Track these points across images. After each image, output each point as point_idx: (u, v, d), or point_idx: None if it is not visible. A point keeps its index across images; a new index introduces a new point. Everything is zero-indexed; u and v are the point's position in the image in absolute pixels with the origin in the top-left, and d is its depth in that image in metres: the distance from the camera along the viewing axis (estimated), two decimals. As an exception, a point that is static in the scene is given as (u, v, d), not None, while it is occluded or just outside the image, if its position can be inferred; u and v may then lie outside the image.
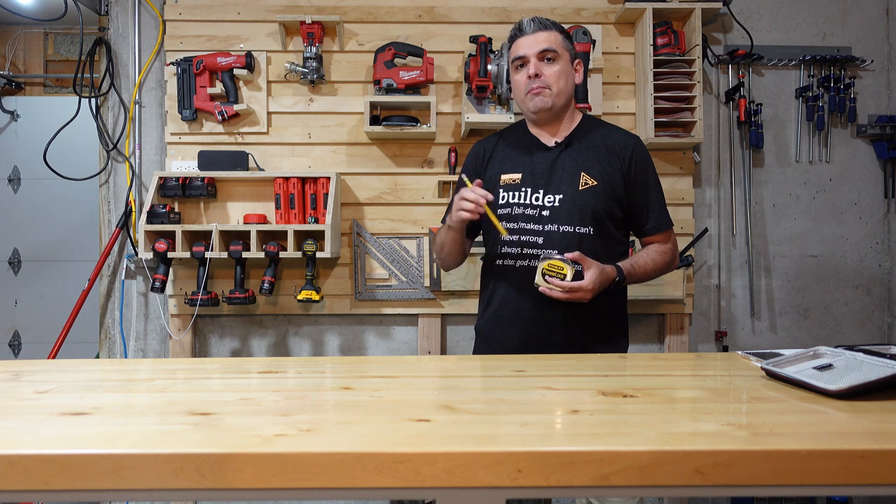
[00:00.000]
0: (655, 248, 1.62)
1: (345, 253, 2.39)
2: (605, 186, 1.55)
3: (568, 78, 1.58)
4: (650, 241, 1.63)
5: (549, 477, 0.65)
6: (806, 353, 1.05)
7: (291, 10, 2.39)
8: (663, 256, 1.62)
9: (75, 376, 1.09)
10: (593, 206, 1.53)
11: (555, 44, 1.56)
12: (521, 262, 1.55)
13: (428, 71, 2.25)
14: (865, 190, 2.53)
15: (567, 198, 1.54)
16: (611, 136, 1.62)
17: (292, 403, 0.88)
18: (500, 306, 1.60)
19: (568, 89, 1.59)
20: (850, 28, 2.52)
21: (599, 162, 1.57)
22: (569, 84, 1.59)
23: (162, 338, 2.43)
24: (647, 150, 1.63)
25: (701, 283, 2.50)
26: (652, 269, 1.59)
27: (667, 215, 1.63)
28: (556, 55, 1.55)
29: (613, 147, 1.59)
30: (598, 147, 1.59)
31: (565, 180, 1.56)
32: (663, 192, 1.65)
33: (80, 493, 0.67)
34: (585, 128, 1.63)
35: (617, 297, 1.60)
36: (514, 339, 1.57)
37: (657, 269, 1.60)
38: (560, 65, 1.56)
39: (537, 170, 1.58)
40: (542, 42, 1.55)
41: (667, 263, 1.63)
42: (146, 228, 2.16)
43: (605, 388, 0.95)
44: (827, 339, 2.50)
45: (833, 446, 0.67)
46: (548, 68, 1.55)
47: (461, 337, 2.45)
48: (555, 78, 1.55)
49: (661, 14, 2.32)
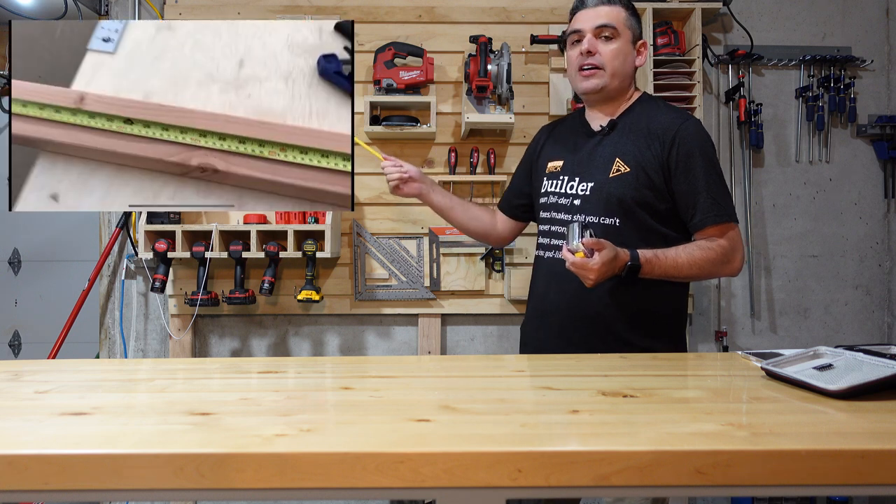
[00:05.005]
0: (699, 242, 1.41)
1: (345, 253, 2.39)
2: (639, 174, 1.40)
3: (626, 58, 1.46)
4: (699, 237, 1.42)
5: (549, 477, 0.65)
6: (806, 353, 1.05)
7: (291, 10, 2.39)
8: (705, 252, 1.38)
9: (75, 376, 1.09)
10: (620, 194, 1.40)
11: (616, 20, 1.44)
12: (549, 254, 1.50)
13: (428, 71, 2.25)
14: (865, 190, 2.53)
15: (596, 186, 1.43)
16: (658, 117, 1.44)
17: (292, 403, 0.88)
18: (535, 302, 1.55)
19: (624, 70, 1.46)
20: (850, 28, 2.52)
21: (638, 147, 1.42)
22: (626, 65, 1.46)
23: (162, 338, 2.43)
24: (698, 134, 1.42)
25: (701, 283, 2.50)
26: (686, 265, 1.37)
27: (720, 208, 1.39)
28: (615, 32, 1.43)
29: (656, 130, 1.42)
30: (640, 130, 1.44)
31: (600, 167, 1.44)
32: (723, 180, 1.43)
33: (80, 493, 0.67)
34: (637, 109, 1.49)
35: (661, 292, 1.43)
36: (552, 337, 1.49)
37: (695, 265, 1.37)
38: (618, 43, 1.44)
39: (578, 156, 1.50)
40: (601, 17, 1.44)
41: (712, 261, 1.38)
42: (146, 228, 2.16)
43: (605, 388, 0.95)
44: (827, 339, 2.50)
45: (833, 446, 0.67)
46: (604, 46, 1.44)
47: (461, 337, 2.45)
48: (610, 57, 1.43)
49: (661, 14, 2.32)
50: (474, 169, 2.34)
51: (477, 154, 2.33)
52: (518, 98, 2.36)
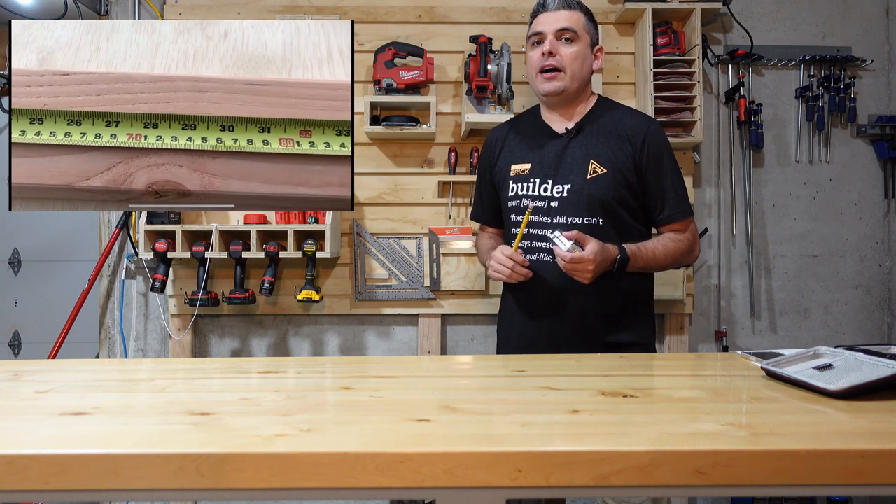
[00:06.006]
0: (669, 235, 1.52)
1: (345, 253, 2.39)
2: (616, 174, 1.46)
3: (585, 61, 1.51)
4: (666, 231, 1.54)
5: (549, 477, 0.65)
6: (806, 353, 1.05)
7: (291, 10, 2.39)
8: (677, 244, 1.51)
9: (75, 376, 1.09)
10: (601, 195, 1.46)
11: (576, 24, 1.49)
12: (530, 256, 1.50)
13: (428, 71, 2.25)
14: (865, 190, 2.53)
15: (575, 187, 1.47)
16: (623, 119, 1.52)
17: (292, 403, 0.87)
18: (513, 303, 1.57)
19: (583, 74, 1.51)
20: (850, 28, 2.52)
21: (610, 148, 1.48)
22: (584, 68, 1.51)
23: (162, 338, 2.43)
24: (663, 135, 1.53)
25: (701, 283, 2.50)
26: (662, 256, 1.48)
27: (684, 204, 1.52)
28: (575, 36, 1.48)
29: (625, 131, 1.49)
30: (609, 132, 1.50)
31: (574, 169, 1.48)
32: (682, 178, 1.54)
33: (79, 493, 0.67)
34: (598, 112, 1.54)
35: (636, 285, 1.51)
36: (528, 337, 1.52)
37: (668, 256, 1.49)
38: (578, 47, 1.49)
39: (546, 159, 1.52)
40: (562, 20, 1.48)
41: (682, 252, 1.52)
42: (146, 228, 2.16)
43: (605, 388, 0.95)
44: (827, 339, 2.50)
45: (833, 446, 0.67)
46: (564, 49, 1.48)
47: (461, 337, 2.45)
48: (571, 59, 1.48)
49: (661, 14, 2.32)
50: (474, 169, 2.34)
51: (477, 154, 2.34)
52: (518, 98, 2.36)
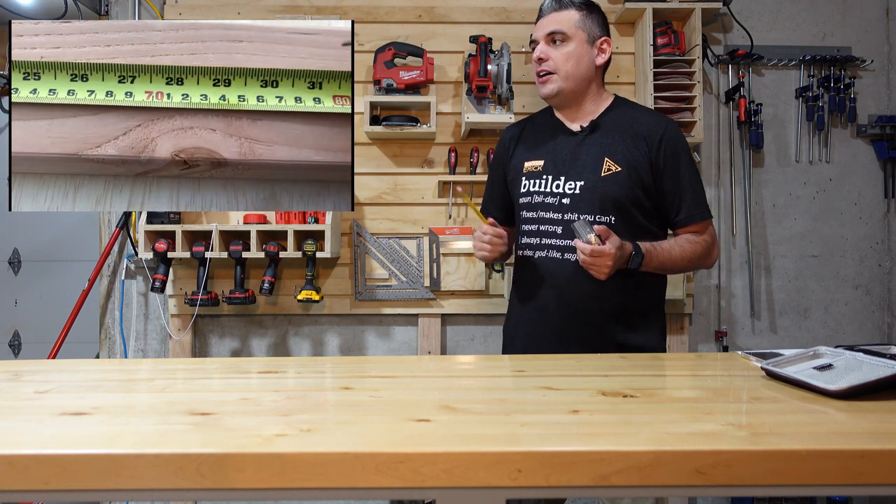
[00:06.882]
0: (686, 236, 1.50)
1: (345, 253, 2.39)
2: (631, 173, 1.44)
3: (579, 59, 1.49)
4: (683, 233, 1.52)
5: (549, 477, 0.65)
6: (806, 353, 1.05)
7: (291, 10, 2.39)
8: (694, 246, 1.48)
9: (75, 376, 1.09)
10: (615, 193, 1.44)
11: (565, 25, 1.48)
12: (539, 253, 1.50)
13: (428, 71, 2.25)
14: (865, 190, 2.53)
15: (588, 185, 1.46)
16: (640, 119, 1.50)
17: (292, 403, 0.87)
18: (520, 303, 1.56)
19: (580, 72, 1.50)
20: (850, 28, 2.52)
21: (626, 147, 1.46)
22: (581, 66, 1.49)
23: (162, 338, 2.43)
24: (680, 135, 1.51)
25: (701, 283, 2.50)
26: (679, 257, 1.46)
27: (702, 206, 1.50)
28: (565, 36, 1.48)
29: (642, 131, 1.47)
30: (625, 131, 1.48)
31: (588, 166, 1.47)
32: (700, 180, 1.53)
33: (79, 493, 0.67)
34: (614, 110, 1.53)
35: (647, 286, 1.50)
36: (536, 337, 1.51)
37: (685, 258, 1.47)
38: (569, 46, 1.48)
39: (560, 156, 1.51)
40: (551, 24, 1.49)
41: (699, 254, 1.49)
42: (146, 228, 2.16)
43: (605, 388, 0.95)
44: (827, 339, 2.50)
45: (833, 446, 0.67)
46: (555, 51, 1.49)
47: (461, 337, 2.45)
48: (562, 60, 1.48)
49: (661, 14, 2.32)
50: (474, 169, 2.34)
51: (477, 154, 2.34)
52: (518, 98, 2.36)
